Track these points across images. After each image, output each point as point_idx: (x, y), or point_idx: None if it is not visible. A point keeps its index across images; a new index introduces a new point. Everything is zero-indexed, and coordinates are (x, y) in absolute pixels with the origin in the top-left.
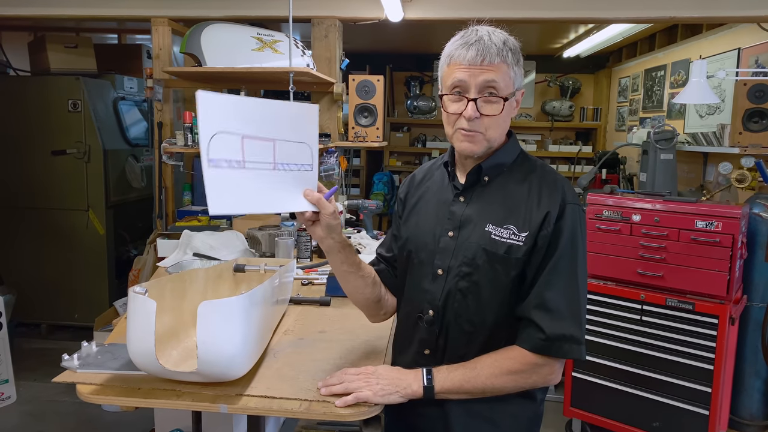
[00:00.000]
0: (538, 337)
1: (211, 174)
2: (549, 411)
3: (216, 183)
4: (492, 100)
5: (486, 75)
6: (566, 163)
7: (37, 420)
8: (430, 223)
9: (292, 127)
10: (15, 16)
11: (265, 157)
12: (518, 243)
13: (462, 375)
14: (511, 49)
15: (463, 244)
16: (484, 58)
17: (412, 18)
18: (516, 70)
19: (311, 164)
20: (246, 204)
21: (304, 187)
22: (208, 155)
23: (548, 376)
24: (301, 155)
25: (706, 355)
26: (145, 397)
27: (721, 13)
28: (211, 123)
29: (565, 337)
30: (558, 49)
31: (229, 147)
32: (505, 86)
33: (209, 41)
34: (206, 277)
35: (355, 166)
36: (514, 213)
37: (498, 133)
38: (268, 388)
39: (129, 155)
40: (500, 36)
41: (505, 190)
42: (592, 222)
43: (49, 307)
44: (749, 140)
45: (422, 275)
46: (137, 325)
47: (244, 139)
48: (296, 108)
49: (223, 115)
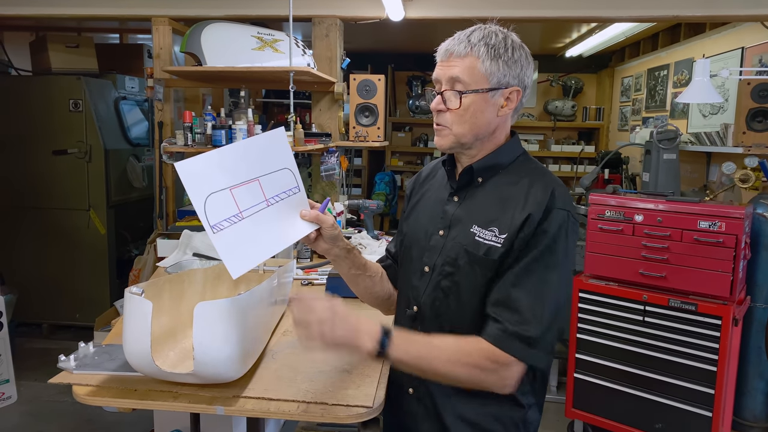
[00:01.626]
0: (497, 330)
1: (218, 240)
2: (551, 412)
3: (226, 247)
4: (456, 93)
5: (451, 70)
6: (569, 163)
7: (38, 420)
8: (425, 221)
9: (267, 157)
10: (16, 15)
11: (257, 198)
12: (497, 245)
13: (418, 352)
14: (489, 45)
15: (449, 244)
16: (452, 52)
17: (413, 17)
18: (495, 64)
19: (297, 185)
20: (259, 252)
21: (298, 210)
22: (209, 222)
23: (505, 380)
24: (285, 181)
25: (709, 357)
26: (141, 399)
27: (724, 12)
28: (199, 189)
29: (521, 337)
30: (560, 49)
31: (223, 205)
32: (472, 81)
33: (209, 40)
34: (205, 278)
35: (356, 166)
36: (501, 215)
37: (467, 129)
38: (265, 390)
39: (130, 155)
40: (485, 32)
41: (497, 191)
42: (595, 222)
43: (50, 307)
44: (753, 140)
45: (412, 271)
46: (133, 327)
47: (232, 190)
48: (263, 139)
49: (205, 177)
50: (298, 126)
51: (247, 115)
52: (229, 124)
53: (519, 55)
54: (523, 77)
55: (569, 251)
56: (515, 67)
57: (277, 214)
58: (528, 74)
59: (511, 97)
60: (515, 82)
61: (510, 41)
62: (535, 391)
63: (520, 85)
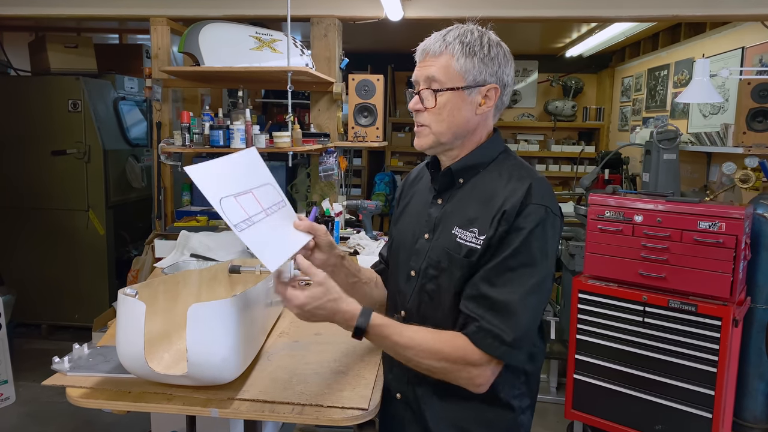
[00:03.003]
0: (473, 327)
1: (245, 237)
2: (550, 413)
3: (254, 241)
4: (431, 92)
5: (428, 69)
6: (569, 163)
7: (37, 421)
8: (412, 224)
9: (250, 173)
10: (15, 15)
11: (256, 208)
12: (476, 246)
13: (395, 344)
14: (464, 42)
15: (433, 247)
16: (428, 52)
17: (412, 17)
18: (470, 62)
19: (282, 200)
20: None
21: (290, 222)
22: (231, 222)
23: (476, 379)
24: (272, 196)
25: (709, 358)
26: (135, 401)
27: (724, 12)
28: (212, 191)
29: (494, 335)
30: (560, 49)
31: (235, 209)
32: (447, 79)
33: (207, 40)
34: (200, 279)
35: (356, 166)
36: (480, 215)
37: (445, 128)
38: (260, 392)
39: (129, 155)
40: (461, 31)
41: (477, 191)
42: (594, 222)
43: (49, 307)
44: (753, 140)
45: (399, 275)
46: (126, 328)
47: (237, 198)
48: (241, 157)
49: (214, 182)
50: (297, 126)
51: (245, 115)
52: (227, 125)
53: (496, 52)
54: (502, 75)
55: (547, 247)
56: (492, 65)
57: (276, 223)
58: (507, 72)
59: (489, 95)
60: (492, 79)
61: (486, 39)
62: (527, 394)
63: (499, 83)
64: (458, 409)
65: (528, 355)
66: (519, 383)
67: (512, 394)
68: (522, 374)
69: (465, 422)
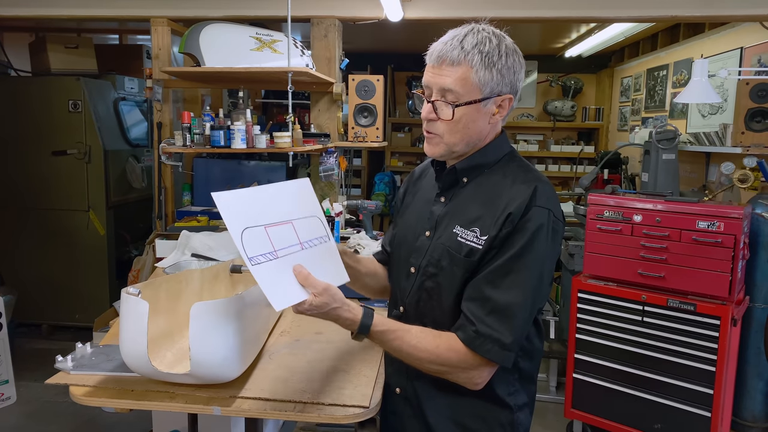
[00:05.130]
0: (471, 331)
1: (257, 272)
2: (550, 412)
3: (266, 279)
4: (448, 104)
5: (443, 79)
6: (568, 164)
7: (37, 421)
8: (414, 221)
9: (297, 203)
10: (16, 16)
11: (291, 240)
12: (477, 246)
13: (396, 348)
14: (483, 52)
15: (433, 245)
16: (444, 60)
17: (412, 18)
18: (488, 74)
19: (326, 234)
20: (299, 291)
21: (329, 259)
22: (247, 254)
23: (474, 379)
24: (316, 229)
25: (708, 357)
26: (138, 399)
27: (723, 12)
28: (236, 221)
29: (493, 339)
30: (560, 49)
31: (259, 241)
32: (465, 92)
33: (208, 41)
34: (202, 278)
35: (356, 167)
36: (483, 215)
37: (458, 139)
38: (262, 390)
39: (130, 156)
40: (479, 37)
41: (481, 191)
42: (593, 222)
43: (49, 307)
44: (752, 140)
45: (400, 272)
46: (129, 327)
47: (267, 228)
48: (291, 186)
49: (242, 211)
50: (297, 126)
51: (245, 115)
52: (227, 125)
53: (513, 61)
54: (516, 83)
55: (549, 250)
56: (508, 75)
57: (310, 259)
58: (520, 78)
59: (503, 105)
60: (507, 89)
61: (504, 47)
62: (524, 391)
63: (512, 92)
64: (457, 404)
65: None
66: (512, 380)
67: (507, 391)
68: (516, 371)
69: (463, 417)
